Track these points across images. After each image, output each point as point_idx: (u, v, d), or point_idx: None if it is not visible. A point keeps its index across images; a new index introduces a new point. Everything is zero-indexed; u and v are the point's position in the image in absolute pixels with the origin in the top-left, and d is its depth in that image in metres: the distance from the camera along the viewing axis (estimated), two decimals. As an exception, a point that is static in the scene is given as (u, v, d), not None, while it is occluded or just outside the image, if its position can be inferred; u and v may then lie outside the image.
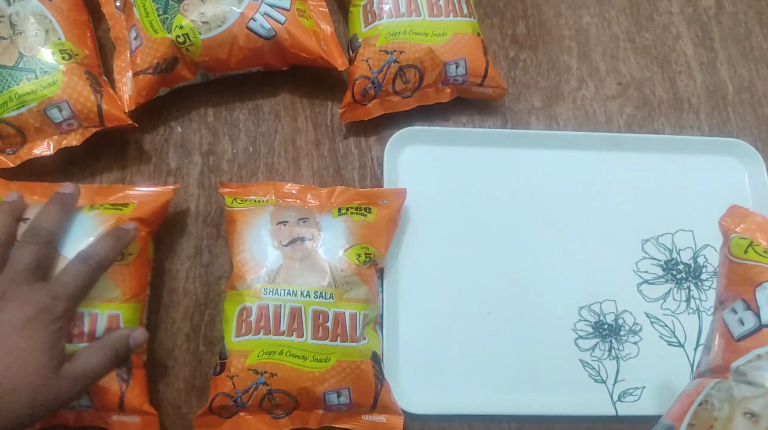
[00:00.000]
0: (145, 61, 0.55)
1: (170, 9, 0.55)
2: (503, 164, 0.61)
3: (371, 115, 0.60)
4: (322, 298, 0.50)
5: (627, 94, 0.66)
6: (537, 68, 0.66)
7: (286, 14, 0.56)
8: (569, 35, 0.68)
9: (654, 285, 0.59)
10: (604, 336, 0.57)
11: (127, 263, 0.50)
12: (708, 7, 0.70)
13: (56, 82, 0.53)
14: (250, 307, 0.50)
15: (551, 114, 0.64)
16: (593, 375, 0.56)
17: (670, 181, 0.62)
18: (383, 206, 0.55)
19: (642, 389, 0.55)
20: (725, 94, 0.67)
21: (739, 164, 0.63)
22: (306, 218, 0.53)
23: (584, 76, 0.66)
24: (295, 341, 0.49)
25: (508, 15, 0.68)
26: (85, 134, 0.54)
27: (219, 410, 0.49)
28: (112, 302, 0.48)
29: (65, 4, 0.57)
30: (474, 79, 0.59)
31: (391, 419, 0.52)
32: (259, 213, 0.53)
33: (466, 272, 0.57)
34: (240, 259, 0.51)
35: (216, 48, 0.55)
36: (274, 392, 0.49)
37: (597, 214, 0.60)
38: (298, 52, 0.57)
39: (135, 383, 0.49)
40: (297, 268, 0.51)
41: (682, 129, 0.65)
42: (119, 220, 0.50)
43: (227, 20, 0.54)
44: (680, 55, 0.68)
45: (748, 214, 0.42)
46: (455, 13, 0.59)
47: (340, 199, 0.55)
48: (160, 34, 0.54)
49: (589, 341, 0.56)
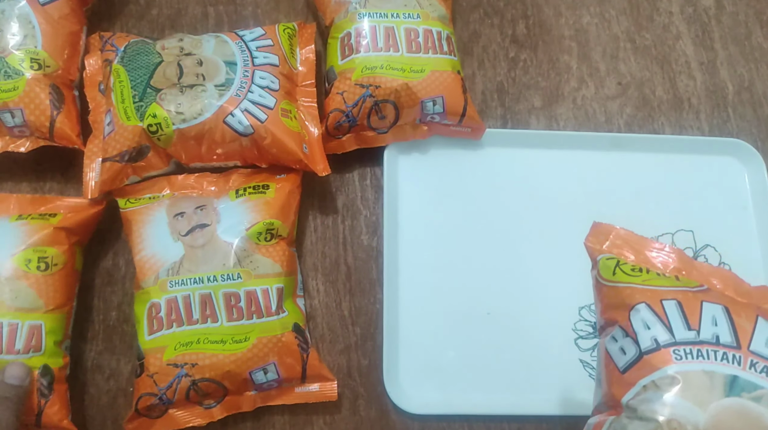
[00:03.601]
0: (115, 148, 0.53)
1: (147, 97, 0.53)
2: (503, 164, 0.61)
3: (345, 149, 0.58)
4: (230, 279, 0.50)
5: (627, 94, 0.66)
6: (537, 68, 0.66)
7: (268, 112, 0.53)
8: (569, 35, 0.68)
9: None
10: None
11: (51, 274, 0.49)
12: (708, 7, 0.70)
13: (17, 88, 0.53)
14: (158, 302, 0.50)
15: (551, 114, 0.64)
16: (594, 375, 0.55)
17: (670, 181, 0.62)
18: (282, 180, 0.55)
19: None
20: (725, 94, 0.67)
21: (739, 164, 0.63)
22: (203, 205, 0.53)
23: (584, 76, 0.66)
24: (211, 327, 0.49)
25: (508, 15, 0.68)
26: (34, 144, 0.55)
27: (146, 411, 0.49)
28: (34, 312, 0.48)
29: (57, 12, 0.56)
30: (452, 117, 0.58)
31: (324, 386, 0.52)
32: (154, 209, 0.53)
33: (466, 271, 0.57)
34: (141, 257, 0.52)
35: (189, 140, 0.53)
36: (199, 382, 0.49)
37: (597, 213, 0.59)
38: (276, 152, 0.54)
39: (56, 398, 0.48)
40: (199, 255, 0.51)
41: (682, 129, 0.65)
42: (46, 229, 0.50)
43: (204, 113, 0.52)
44: (680, 55, 0.68)
45: (611, 229, 0.40)
46: (434, 50, 0.58)
47: (238, 181, 0.56)
48: (132, 121, 0.53)
49: (590, 341, 0.56)
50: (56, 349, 0.49)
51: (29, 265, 0.49)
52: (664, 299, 0.34)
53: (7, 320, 0.47)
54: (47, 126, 0.54)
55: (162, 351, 0.49)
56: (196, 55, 0.55)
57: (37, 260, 0.49)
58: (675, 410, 0.31)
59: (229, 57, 0.55)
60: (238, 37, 0.57)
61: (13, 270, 0.48)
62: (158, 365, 0.49)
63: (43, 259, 0.49)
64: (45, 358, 0.48)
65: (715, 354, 0.32)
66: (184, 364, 0.48)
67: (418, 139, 0.59)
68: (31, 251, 0.49)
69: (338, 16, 0.59)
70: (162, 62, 0.54)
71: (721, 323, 0.33)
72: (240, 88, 0.54)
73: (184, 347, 0.49)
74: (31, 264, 0.49)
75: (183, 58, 0.55)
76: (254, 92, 0.54)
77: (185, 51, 0.55)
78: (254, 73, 0.55)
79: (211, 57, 0.55)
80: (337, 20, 0.59)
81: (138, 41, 0.57)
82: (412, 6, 0.59)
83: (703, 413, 0.31)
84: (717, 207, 0.62)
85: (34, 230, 0.50)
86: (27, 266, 0.49)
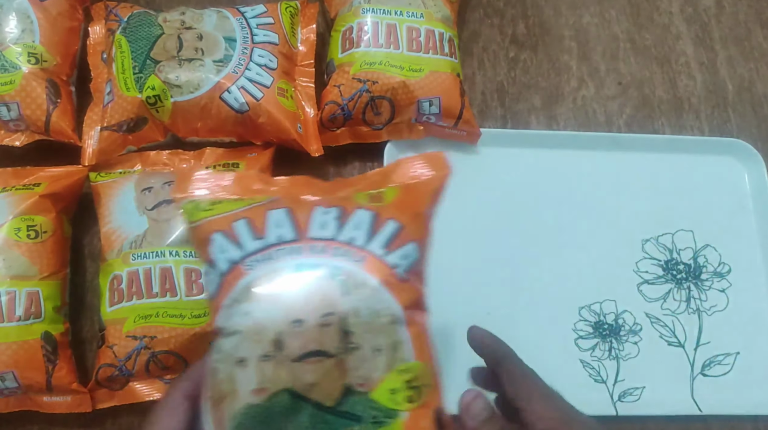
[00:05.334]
0: (114, 117, 0.54)
1: (147, 68, 0.53)
2: (503, 164, 0.61)
3: (338, 142, 0.58)
4: (192, 256, 0.50)
5: (627, 94, 0.66)
6: (537, 68, 0.66)
7: (264, 91, 0.54)
8: (569, 35, 0.68)
9: (654, 285, 0.59)
10: (604, 336, 0.57)
11: (42, 241, 0.50)
12: (708, 7, 0.70)
13: (13, 82, 0.53)
14: (120, 275, 0.50)
15: (551, 114, 0.64)
16: (593, 375, 0.55)
17: (670, 181, 0.62)
18: (252, 159, 0.55)
19: (642, 389, 0.55)
20: (725, 94, 0.67)
21: (739, 164, 0.63)
22: (172, 181, 0.53)
23: (584, 76, 0.66)
24: (170, 301, 0.49)
25: (508, 15, 0.68)
26: (29, 139, 0.55)
27: (106, 382, 0.49)
28: (30, 280, 0.49)
29: (56, 8, 0.56)
30: (448, 119, 0.58)
31: None
32: (123, 184, 0.53)
33: (467, 272, 0.57)
34: (107, 230, 0.52)
35: (186, 113, 0.54)
36: (159, 354, 0.49)
37: (597, 214, 0.60)
38: (271, 130, 0.54)
39: (62, 363, 0.49)
40: (163, 229, 0.51)
41: (682, 129, 0.65)
42: (31, 198, 0.51)
43: (201, 87, 0.53)
44: (680, 55, 0.68)
45: (190, 174, 0.39)
46: (435, 51, 0.57)
47: (211, 158, 0.56)
48: (131, 92, 0.53)
49: (590, 341, 0.56)
50: (56, 315, 0.50)
51: (19, 233, 0.49)
52: (235, 221, 0.35)
53: (4, 288, 0.48)
54: (43, 120, 0.54)
55: (122, 323, 0.49)
56: (197, 30, 0.55)
57: (26, 228, 0.50)
58: (255, 316, 0.32)
59: (229, 33, 0.55)
60: (240, 14, 0.57)
61: (4, 240, 0.49)
62: (118, 337, 0.49)
63: (32, 227, 0.50)
64: (46, 325, 0.49)
65: (279, 252, 0.34)
66: (143, 336, 0.48)
67: (413, 139, 0.59)
68: (19, 220, 0.50)
69: (343, 9, 0.59)
70: (163, 35, 0.55)
71: (283, 224, 0.35)
72: (238, 65, 0.54)
73: (143, 319, 0.49)
74: (20, 233, 0.49)
75: (183, 31, 0.55)
76: (252, 70, 0.54)
77: (186, 24, 0.55)
78: (253, 50, 0.55)
79: (211, 32, 0.55)
80: (341, 13, 0.59)
81: (141, 12, 0.57)
82: (417, 5, 0.59)
83: (283, 313, 0.32)
84: (717, 207, 0.62)
85: (20, 199, 0.51)
86: (17, 235, 0.49)
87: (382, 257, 0.34)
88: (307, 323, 0.32)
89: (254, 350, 0.32)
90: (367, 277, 0.33)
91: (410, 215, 0.36)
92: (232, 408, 0.32)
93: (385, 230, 0.35)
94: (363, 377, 0.32)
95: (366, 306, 0.33)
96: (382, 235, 0.35)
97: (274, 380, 0.32)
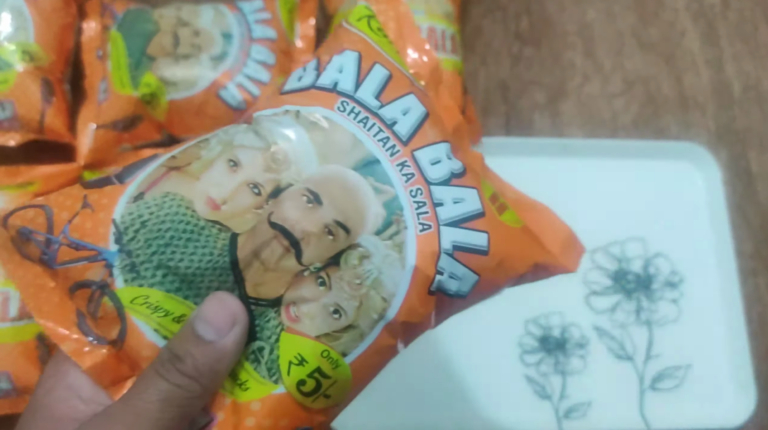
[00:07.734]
0: (109, 115, 0.53)
1: (142, 65, 0.52)
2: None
3: None
4: None
5: (632, 91, 0.65)
6: (540, 64, 0.65)
7: (262, 88, 0.53)
8: (573, 31, 0.67)
9: (603, 296, 0.56)
10: (550, 350, 0.54)
11: None
12: (714, 4, 0.69)
13: (8, 81, 0.52)
14: None
15: (555, 111, 0.63)
16: (538, 391, 0.53)
17: (620, 187, 0.59)
18: None
19: (588, 405, 0.53)
20: (731, 91, 0.66)
21: (694, 169, 0.60)
22: None
23: (589, 73, 0.65)
24: None
25: (511, 10, 0.67)
26: (24, 138, 0.54)
27: None
28: None
29: (51, 4, 0.55)
30: None
31: None
32: None
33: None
34: None
35: (181, 111, 0.53)
36: None
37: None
38: None
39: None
40: None
41: (688, 127, 0.64)
42: (25, 197, 0.50)
43: (198, 84, 0.52)
44: (686, 52, 0.67)
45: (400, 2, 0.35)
46: (436, 49, 0.56)
47: None
48: (126, 89, 0.52)
49: (535, 355, 0.54)
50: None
51: None
52: (380, 64, 0.31)
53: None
54: (38, 120, 0.53)
55: None
56: (193, 26, 0.54)
57: None
58: (293, 145, 0.28)
59: (226, 29, 0.54)
60: (237, 9, 0.56)
61: None
62: None
63: None
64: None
65: (379, 133, 0.29)
66: None
67: None
68: None
69: (342, 6, 0.58)
70: (159, 31, 0.54)
71: (409, 115, 0.30)
72: (235, 61, 0.53)
73: None
74: None
75: (179, 27, 0.54)
76: (249, 66, 0.53)
77: (182, 20, 0.54)
78: (251, 46, 0.54)
79: (207, 28, 0.54)
80: (340, 10, 0.58)
81: (137, 8, 0.56)
82: (418, 1, 0.57)
83: (318, 166, 0.28)
84: (669, 215, 0.59)
85: (13, 199, 0.50)
86: None
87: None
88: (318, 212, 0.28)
89: (255, 166, 0.28)
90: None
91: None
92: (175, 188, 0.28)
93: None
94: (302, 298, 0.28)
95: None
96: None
97: (236, 207, 0.28)
